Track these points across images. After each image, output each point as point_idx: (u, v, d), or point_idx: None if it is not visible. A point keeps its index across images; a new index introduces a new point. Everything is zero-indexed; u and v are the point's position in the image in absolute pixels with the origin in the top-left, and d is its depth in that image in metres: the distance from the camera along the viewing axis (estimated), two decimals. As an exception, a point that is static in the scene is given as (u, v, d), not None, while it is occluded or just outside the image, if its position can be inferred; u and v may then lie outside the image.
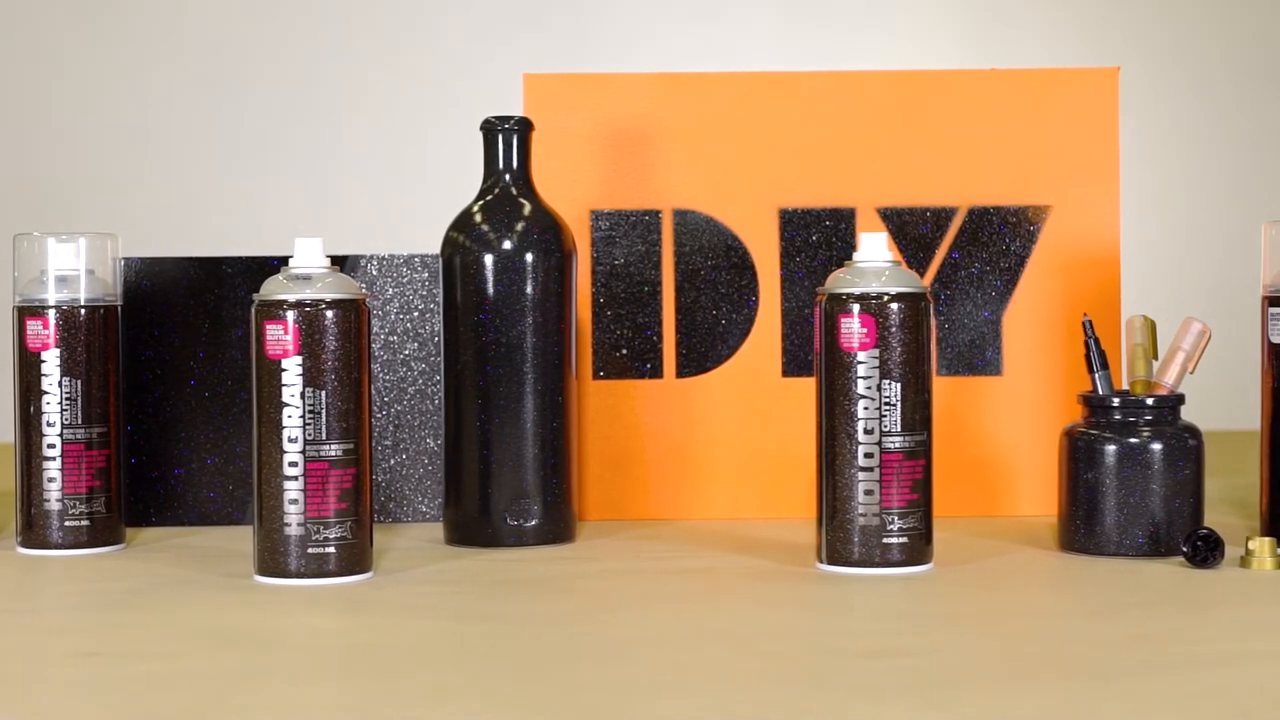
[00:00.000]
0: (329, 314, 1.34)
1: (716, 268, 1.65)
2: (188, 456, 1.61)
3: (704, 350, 1.65)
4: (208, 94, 2.54)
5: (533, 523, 1.49)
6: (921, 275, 1.65)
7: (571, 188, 1.64)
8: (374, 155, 2.56)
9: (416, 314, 1.62)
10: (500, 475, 1.49)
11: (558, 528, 1.51)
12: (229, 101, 2.55)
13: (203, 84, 2.54)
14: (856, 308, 1.35)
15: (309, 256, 1.36)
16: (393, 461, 1.62)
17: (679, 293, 1.65)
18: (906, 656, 1.09)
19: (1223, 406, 2.06)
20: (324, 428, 1.33)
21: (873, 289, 1.36)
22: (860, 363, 1.35)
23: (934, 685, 1.01)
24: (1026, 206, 1.65)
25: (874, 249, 1.38)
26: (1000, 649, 1.11)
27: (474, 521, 1.50)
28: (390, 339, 1.62)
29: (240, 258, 1.61)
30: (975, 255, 1.65)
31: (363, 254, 1.63)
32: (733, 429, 1.65)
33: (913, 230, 1.65)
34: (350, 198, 2.56)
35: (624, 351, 1.65)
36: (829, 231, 1.64)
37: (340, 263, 1.61)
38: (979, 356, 1.65)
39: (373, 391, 1.61)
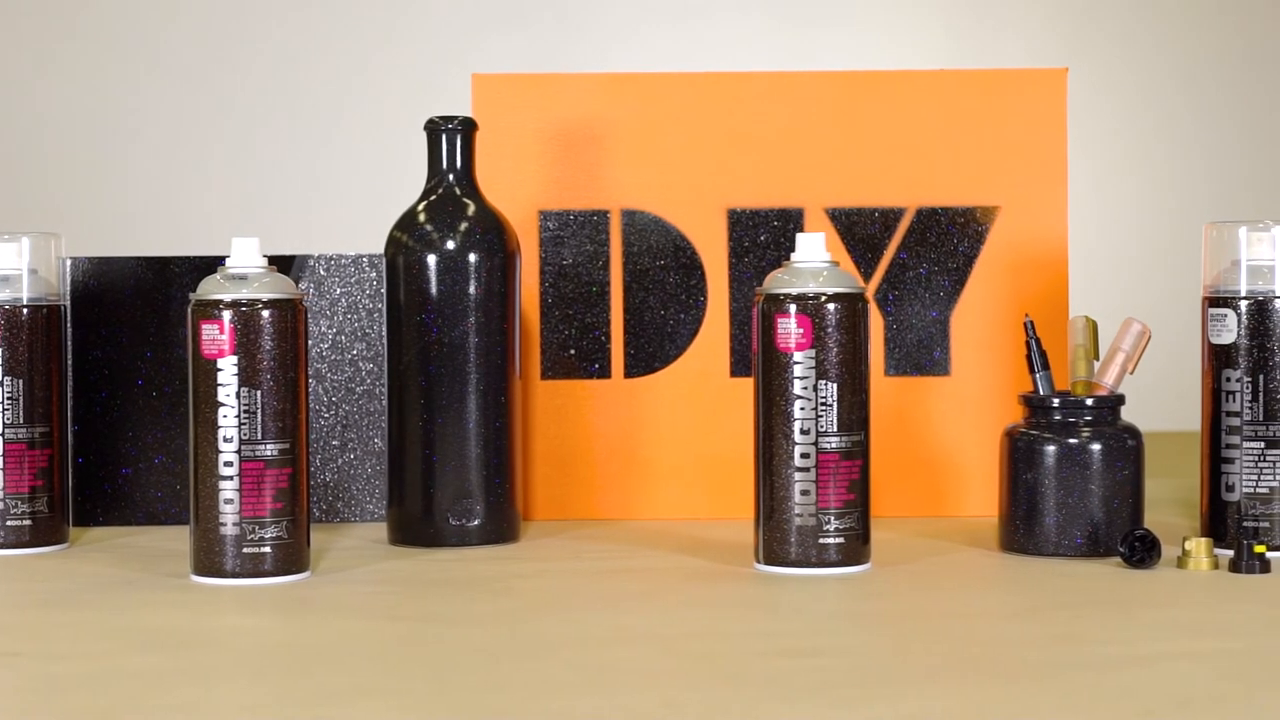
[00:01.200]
0: (265, 314, 1.34)
1: (665, 268, 1.65)
2: (135, 456, 1.61)
3: (652, 350, 1.65)
4: (157, 94, 2.54)
5: (475, 523, 1.50)
6: (869, 276, 1.65)
7: (520, 188, 1.64)
8: (326, 154, 2.56)
9: (365, 314, 1.62)
10: (443, 475, 1.49)
11: (501, 528, 1.51)
12: (180, 101, 2.55)
13: (151, 84, 2.54)
14: (793, 308, 1.35)
15: (246, 256, 1.36)
16: (341, 461, 1.63)
17: (627, 293, 1.65)
18: (825, 656, 1.09)
19: (1172, 407, 2.06)
20: (260, 427, 1.33)
21: (810, 289, 1.36)
22: (797, 363, 1.35)
23: (846, 685, 1.01)
24: (974, 207, 1.65)
25: (811, 249, 1.38)
26: (920, 649, 1.11)
27: (417, 521, 1.50)
28: (339, 339, 1.62)
29: (188, 257, 1.62)
30: (923, 256, 1.65)
31: (311, 254, 1.63)
32: (681, 429, 1.65)
33: (861, 231, 1.65)
34: (302, 197, 2.56)
35: (572, 352, 1.65)
36: (777, 232, 1.64)
37: (288, 262, 1.62)
38: (927, 357, 1.65)
39: (319, 391, 1.61)
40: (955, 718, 0.95)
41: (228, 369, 1.33)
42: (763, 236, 1.65)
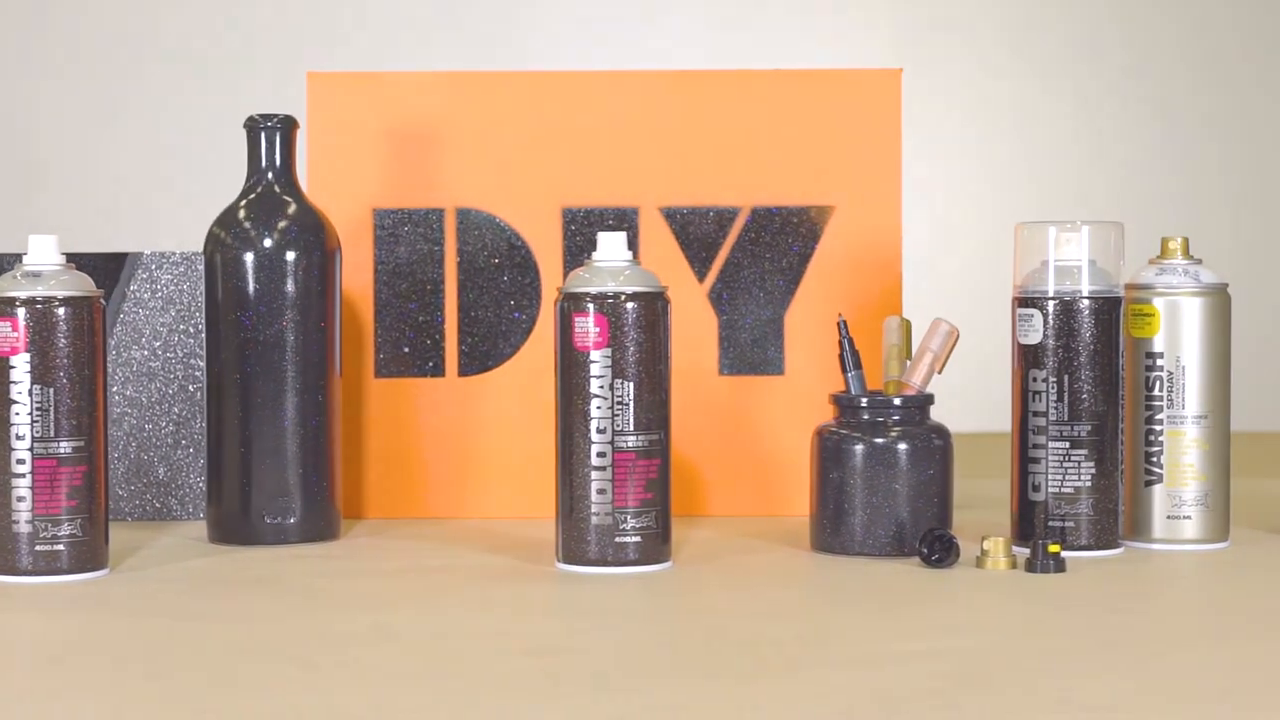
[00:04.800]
0: (60, 311, 1.34)
1: (499, 267, 1.65)
2: (-35, 453, 1.61)
3: (486, 349, 1.65)
4: (15, 85, 2.55)
5: (292, 520, 1.50)
6: (704, 275, 1.65)
7: (355, 185, 1.64)
8: (169, 151, 2.56)
9: (199, 311, 1.62)
10: (259, 473, 1.49)
11: (319, 526, 1.51)
12: (33, 89, 2.55)
13: (10, 74, 2.55)
14: (591, 307, 1.35)
15: (42, 254, 1.36)
16: (173, 459, 1.63)
17: (461, 291, 1.65)
18: (567, 655, 1.09)
19: (995, 407, 2.06)
20: (53, 424, 1.33)
21: (609, 288, 1.36)
22: (594, 362, 1.35)
23: (569, 684, 1.01)
24: (809, 207, 1.65)
25: (612, 248, 1.38)
26: (664, 647, 1.11)
27: (235, 519, 1.50)
28: (171, 337, 1.62)
29: (20, 255, 1.61)
30: (758, 255, 1.65)
31: (144, 250, 1.63)
32: (514, 427, 1.65)
33: (696, 230, 1.65)
34: (140, 193, 2.56)
35: (406, 350, 1.65)
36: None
37: (122, 259, 1.62)
38: (760, 356, 1.65)
39: (152, 388, 1.61)
40: (652, 717, 0.94)
41: (20, 366, 1.33)
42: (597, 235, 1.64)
